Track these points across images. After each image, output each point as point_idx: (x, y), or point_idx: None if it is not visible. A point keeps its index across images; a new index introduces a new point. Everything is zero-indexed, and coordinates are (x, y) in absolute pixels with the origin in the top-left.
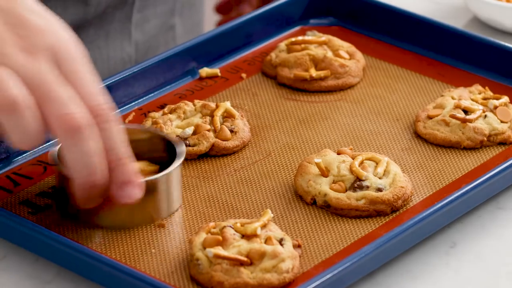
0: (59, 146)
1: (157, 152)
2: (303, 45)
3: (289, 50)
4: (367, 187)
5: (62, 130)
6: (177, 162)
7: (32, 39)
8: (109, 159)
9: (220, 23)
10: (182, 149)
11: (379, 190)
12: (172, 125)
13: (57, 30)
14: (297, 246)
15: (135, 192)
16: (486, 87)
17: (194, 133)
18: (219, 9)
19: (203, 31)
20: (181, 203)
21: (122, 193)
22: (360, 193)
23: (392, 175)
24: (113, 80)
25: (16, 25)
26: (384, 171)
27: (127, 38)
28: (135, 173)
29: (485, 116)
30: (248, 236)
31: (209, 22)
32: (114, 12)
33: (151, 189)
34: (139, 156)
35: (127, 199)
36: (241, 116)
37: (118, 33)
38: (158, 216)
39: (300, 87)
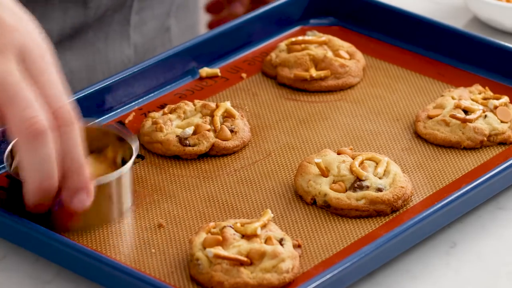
0: (9, 148)
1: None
2: (303, 45)
3: (289, 50)
4: (367, 187)
5: (23, 133)
6: (128, 164)
7: (0, 38)
8: (65, 164)
9: (210, 23)
10: (136, 147)
11: (379, 190)
12: (172, 125)
13: (27, 29)
14: (297, 246)
15: (87, 199)
16: (486, 87)
17: (194, 133)
18: (210, 8)
19: (198, 33)
20: (131, 203)
21: (74, 200)
22: (360, 193)
23: (392, 175)
24: (113, 80)
25: None
26: (384, 171)
27: (126, 40)
28: (89, 180)
29: (485, 116)
30: (248, 236)
31: (204, 24)
32: (113, 15)
33: (101, 192)
34: (97, 151)
35: (79, 205)
36: (241, 116)
37: (117, 36)
38: (107, 219)
39: (300, 87)
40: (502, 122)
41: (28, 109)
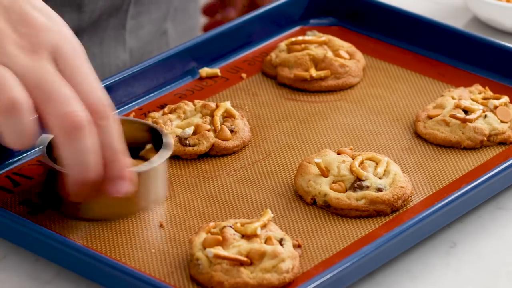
0: (48, 141)
1: (143, 142)
2: (303, 45)
3: (289, 50)
4: (367, 187)
5: (61, 128)
6: (164, 155)
7: (33, 37)
8: (104, 154)
9: (205, 27)
10: (169, 141)
11: (379, 190)
12: (172, 125)
13: (58, 28)
14: (297, 246)
15: (127, 186)
16: (486, 87)
17: (194, 133)
18: (205, 11)
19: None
20: (166, 194)
21: (115, 188)
22: (360, 193)
23: (392, 175)
24: (113, 80)
25: (18, 22)
26: (384, 171)
27: (122, 45)
28: (128, 168)
29: (485, 116)
30: (248, 236)
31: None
32: (109, 19)
33: (140, 181)
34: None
35: (119, 193)
36: (241, 116)
37: (113, 40)
38: (142, 206)
39: (300, 87)
40: (502, 122)
41: (66, 105)
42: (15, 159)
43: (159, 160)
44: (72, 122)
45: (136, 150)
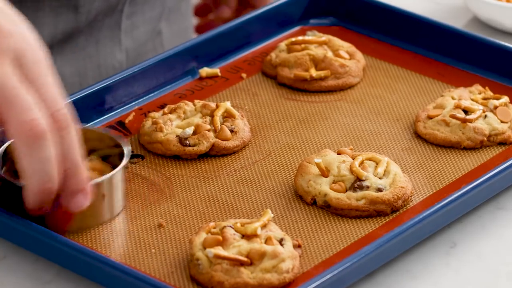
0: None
1: (110, 149)
2: (303, 45)
3: (289, 50)
4: (367, 187)
5: (21, 136)
6: (120, 165)
7: None
8: (64, 165)
9: (197, 27)
10: (128, 150)
11: (379, 190)
12: (172, 125)
13: (22, 34)
14: (297, 246)
15: (85, 201)
16: (486, 87)
17: (194, 133)
18: (197, 11)
19: (191, 36)
20: (123, 205)
21: (73, 201)
22: (360, 193)
23: (392, 175)
24: (113, 80)
25: None
26: (384, 171)
27: (118, 45)
28: (87, 181)
29: (485, 116)
30: (248, 236)
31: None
32: (104, 20)
33: (94, 192)
34: (91, 153)
35: (77, 207)
36: (241, 116)
37: (109, 41)
38: (100, 220)
39: (300, 87)
40: (502, 122)
41: (27, 112)
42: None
43: (115, 169)
44: (32, 131)
45: (105, 157)
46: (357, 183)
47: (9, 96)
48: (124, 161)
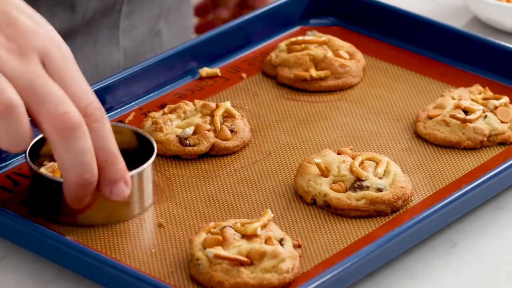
0: (29, 148)
1: (130, 147)
2: (303, 45)
3: (289, 50)
4: (367, 187)
5: (55, 130)
6: (151, 158)
7: (22, 41)
8: (100, 157)
9: (197, 27)
10: (154, 144)
11: (379, 190)
12: (172, 125)
13: (45, 31)
14: (297, 246)
15: (126, 189)
16: (486, 87)
17: (194, 133)
18: (197, 11)
19: (191, 36)
20: (153, 199)
21: (113, 191)
22: (360, 193)
23: (392, 175)
24: (113, 80)
25: (5, 26)
26: (384, 171)
27: (116, 45)
28: (126, 170)
29: (485, 116)
30: (248, 236)
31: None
32: (102, 19)
33: (133, 185)
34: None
35: (118, 196)
36: (241, 116)
37: (106, 40)
38: (132, 213)
39: (300, 87)
40: (502, 122)
41: (59, 106)
42: (15, 159)
43: (148, 163)
44: (66, 123)
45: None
46: (357, 183)
47: (39, 92)
48: (154, 154)
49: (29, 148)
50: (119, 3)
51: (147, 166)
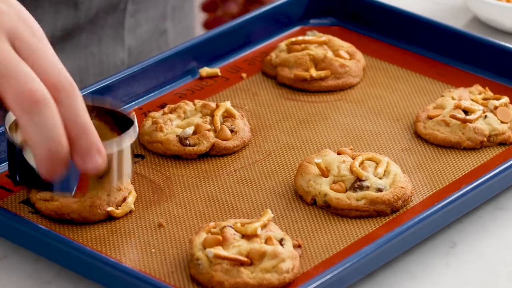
0: (10, 121)
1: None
2: (303, 45)
3: (289, 50)
4: (367, 187)
5: (20, 105)
6: (131, 133)
7: None
8: (71, 129)
9: (206, 22)
10: (135, 122)
11: (379, 190)
12: (172, 124)
13: (15, 11)
14: (297, 246)
15: (101, 160)
16: (486, 88)
17: (195, 133)
18: (205, 7)
19: (194, 34)
20: (131, 175)
21: (87, 162)
22: (360, 193)
23: (392, 175)
24: (113, 80)
25: None
26: (384, 171)
27: (120, 43)
28: (99, 141)
29: (485, 116)
30: (248, 236)
31: (200, 24)
32: (106, 17)
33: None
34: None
35: (94, 167)
36: (241, 116)
37: (111, 39)
38: (109, 185)
39: (300, 87)
40: (502, 122)
41: (24, 82)
42: None
43: (124, 134)
44: (30, 97)
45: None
46: (357, 183)
47: (7, 68)
48: (133, 128)
49: (13, 120)
50: (123, 1)
51: (125, 135)
